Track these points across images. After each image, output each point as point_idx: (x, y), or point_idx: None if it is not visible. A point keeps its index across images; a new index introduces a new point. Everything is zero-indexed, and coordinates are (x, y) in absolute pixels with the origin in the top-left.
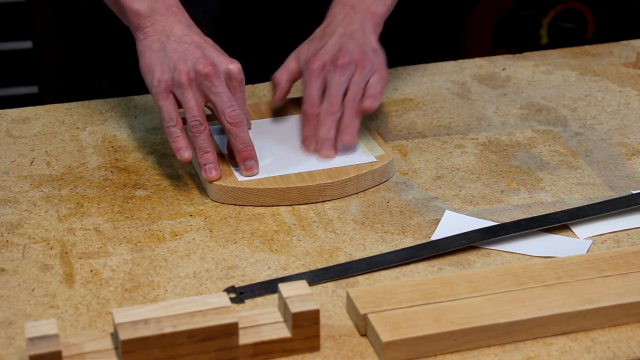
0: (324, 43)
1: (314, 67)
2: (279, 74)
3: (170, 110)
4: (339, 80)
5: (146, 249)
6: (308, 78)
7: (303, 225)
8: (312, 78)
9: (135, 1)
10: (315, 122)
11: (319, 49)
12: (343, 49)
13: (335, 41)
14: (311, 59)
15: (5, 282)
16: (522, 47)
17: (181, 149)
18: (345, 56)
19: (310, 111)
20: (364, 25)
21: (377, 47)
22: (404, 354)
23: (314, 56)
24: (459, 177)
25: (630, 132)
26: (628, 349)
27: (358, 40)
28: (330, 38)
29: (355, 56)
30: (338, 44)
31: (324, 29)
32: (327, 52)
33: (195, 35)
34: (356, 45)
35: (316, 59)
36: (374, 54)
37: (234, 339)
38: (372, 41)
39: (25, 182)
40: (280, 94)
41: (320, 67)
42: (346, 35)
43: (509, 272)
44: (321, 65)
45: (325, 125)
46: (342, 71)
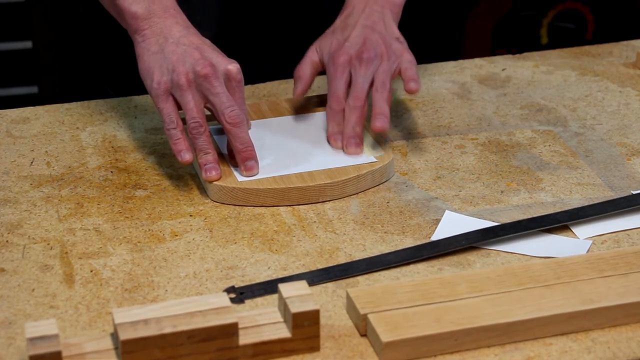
0: (347, 36)
1: (339, 62)
2: (302, 67)
3: (170, 113)
4: (364, 74)
5: (146, 249)
6: (334, 73)
7: (303, 226)
8: (337, 73)
9: (133, 4)
10: (340, 118)
11: (343, 42)
12: (367, 42)
13: (358, 33)
14: (336, 53)
15: (5, 282)
16: (522, 47)
17: (182, 151)
18: (370, 50)
19: (335, 107)
20: (384, 15)
21: (399, 35)
22: (404, 354)
23: (338, 50)
24: (459, 177)
25: (630, 132)
26: (628, 349)
27: (380, 31)
28: (353, 30)
29: (380, 49)
30: (361, 37)
31: (345, 20)
32: (352, 45)
33: (194, 37)
34: (379, 36)
35: (341, 53)
36: (397, 42)
37: (234, 339)
38: (394, 30)
39: (25, 182)
40: (303, 88)
41: (346, 62)
42: (368, 27)
43: (509, 272)
44: (347, 60)
45: (350, 122)
46: (367, 65)
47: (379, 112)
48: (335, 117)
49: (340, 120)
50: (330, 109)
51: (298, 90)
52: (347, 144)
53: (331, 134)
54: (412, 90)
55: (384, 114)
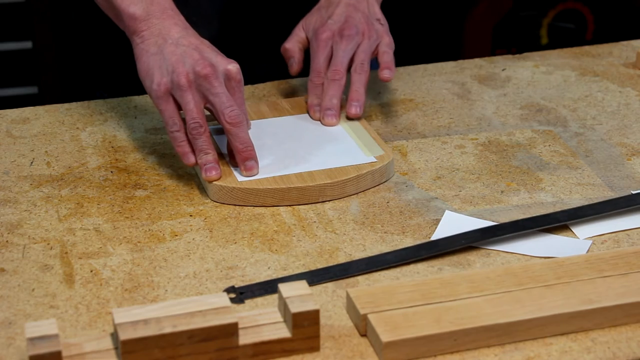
0: (331, 13)
1: (322, 37)
2: (290, 44)
3: (172, 115)
4: (344, 49)
5: (146, 249)
6: (316, 47)
7: (303, 226)
8: (319, 47)
9: (131, 5)
10: (320, 91)
11: (326, 19)
12: (349, 20)
13: (341, 11)
14: (319, 29)
15: (5, 282)
16: (522, 47)
17: (187, 153)
18: (351, 27)
19: (316, 80)
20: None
21: (381, 16)
22: (404, 354)
23: (321, 26)
24: (459, 177)
25: (630, 132)
26: (628, 349)
27: (363, 10)
28: (336, 8)
29: (361, 27)
30: (344, 14)
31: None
32: (335, 22)
33: (192, 38)
34: (361, 15)
35: (324, 29)
36: (378, 23)
37: (234, 339)
38: (376, 11)
39: (25, 182)
40: (298, 63)
41: (328, 37)
42: (351, 5)
43: (509, 272)
44: (329, 36)
45: (328, 93)
46: (348, 41)
47: (354, 98)
48: (314, 90)
49: (319, 93)
50: (311, 82)
51: (294, 67)
52: (324, 115)
53: (310, 105)
54: (385, 79)
55: (359, 100)
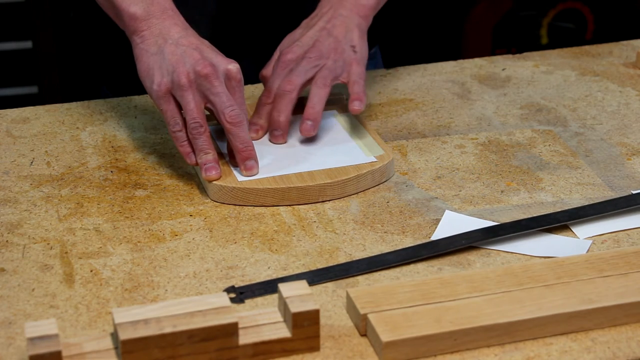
0: (301, 36)
1: (283, 59)
2: (267, 70)
3: (174, 115)
4: (304, 66)
5: (146, 249)
6: (275, 68)
7: (303, 225)
8: (279, 68)
9: (132, 5)
10: (265, 111)
11: (294, 41)
12: (317, 44)
13: (312, 34)
14: (284, 51)
15: (5, 282)
16: (522, 47)
17: (190, 153)
18: (315, 50)
19: (264, 99)
20: (347, 20)
21: (358, 43)
22: (404, 354)
23: (287, 47)
24: (459, 177)
25: (630, 132)
26: (628, 349)
27: (337, 36)
28: (309, 31)
29: (327, 52)
30: (314, 38)
31: (309, 21)
32: (302, 45)
33: (192, 38)
34: (332, 40)
35: (288, 51)
36: (351, 50)
37: (234, 339)
38: (354, 37)
39: (25, 182)
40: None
41: (290, 60)
42: (326, 29)
43: (509, 272)
44: (292, 58)
45: (276, 108)
46: (308, 62)
47: (308, 116)
48: (260, 109)
49: (263, 113)
50: (259, 100)
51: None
52: (271, 136)
53: (251, 123)
54: (354, 111)
55: (315, 119)
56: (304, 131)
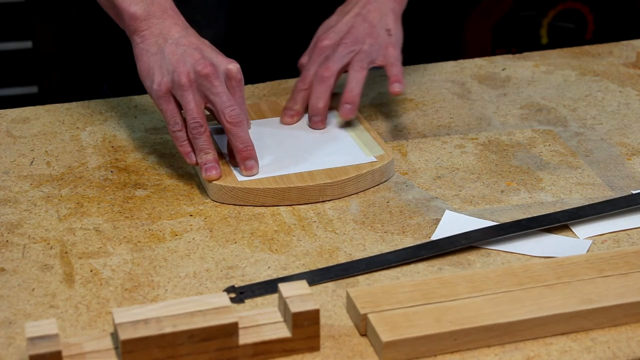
0: (337, 22)
1: (319, 45)
2: (303, 58)
3: (174, 115)
4: (341, 53)
5: (146, 249)
6: (311, 55)
7: (303, 225)
8: (314, 55)
9: (132, 4)
10: (301, 97)
11: (330, 27)
12: (352, 30)
13: (347, 20)
14: (320, 37)
15: (5, 282)
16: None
17: (189, 153)
18: (351, 36)
19: (300, 85)
20: (382, 5)
21: (393, 27)
22: (404, 354)
23: (323, 34)
24: (459, 177)
25: (630, 132)
26: (628, 349)
27: (371, 21)
28: (344, 17)
29: (362, 37)
30: (349, 24)
31: (344, 7)
32: (337, 31)
33: (192, 37)
34: (367, 26)
35: (324, 37)
36: (386, 34)
37: (234, 339)
38: (388, 22)
39: (25, 182)
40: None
41: (326, 46)
42: (360, 15)
43: (509, 272)
44: (328, 45)
45: (314, 94)
46: (345, 47)
47: (347, 99)
48: (296, 95)
49: (299, 98)
50: (296, 86)
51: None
52: (311, 122)
53: (285, 107)
54: (395, 93)
55: (353, 102)
56: (342, 114)
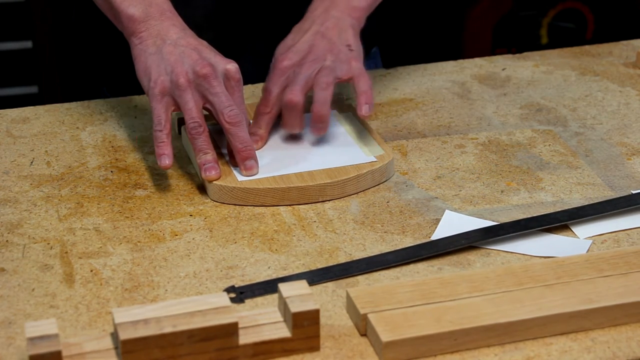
0: (296, 41)
1: (279, 66)
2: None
3: (160, 114)
4: (304, 74)
5: (146, 249)
6: (272, 75)
7: (303, 225)
8: (275, 76)
9: (130, 6)
10: (265, 121)
11: (290, 46)
12: (313, 49)
13: (307, 39)
14: (279, 57)
15: (5, 282)
16: (522, 47)
17: (163, 155)
18: (312, 54)
19: (262, 109)
20: (340, 21)
21: (353, 42)
22: (404, 354)
23: (282, 54)
24: (459, 177)
25: (630, 132)
26: (628, 349)
27: (331, 38)
28: (303, 36)
29: (324, 53)
30: (309, 43)
31: (301, 25)
32: (297, 51)
33: (191, 38)
34: (327, 43)
35: (284, 58)
36: (347, 49)
37: (234, 339)
38: (348, 37)
39: (25, 182)
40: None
41: (287, 67)
42: (320, 33)
43: (509, 272)
44: (289, 65)
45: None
46: (308, 67)
47: (316, 120)
48: (259, 119)
49: (262, 123)
50: (258, 109)
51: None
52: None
53: (251, 133)
54: (363, 116)
55: (324, 121)
56: (315, 133)
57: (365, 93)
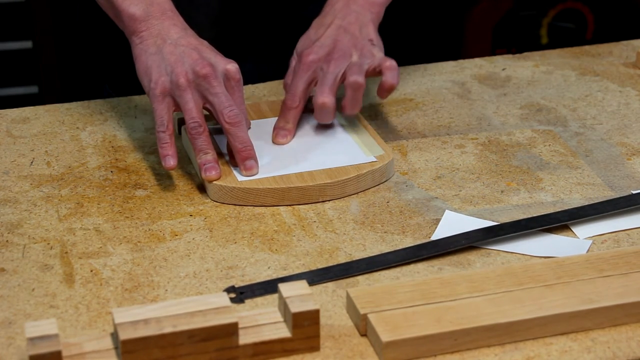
0: (320, 35)
1: (305, 60)
2: (287, 77)
3: (162, 115)
4: (332, 72)
5: (146, 249)
6: (298, 70)
7: (303, 225)
8: (301, 70)
9: (131, 5)
10: (292, 115)
11: (313, 41)
12: (337, 44)
13: (330, 34)
14: (305, 51)
15: (5, 282)
16: (522, 47)
17: (168, 156)
18: (338, 50)
19: (289, 103)
20: (361, 16)
21: (375, 37)
22: (404, 354)
23: (307, 48)
24: (459, 177)
25: (630, 132)
26: (628, 349)
27: (354, 33)
28: (326, 30)
29: (350, 52)
30: (333, 37)
31: (321, 19)
32: (322, 45)
33: (191, 38)
34: (351, 38)
35: (309, 52)
36: (370, 44)
37: (234, 339)
38: (369, 32)
39: (25, 182)
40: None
41: (312, 61)
42: (342, 27)
43: (509, 272)
44: (315, 59)
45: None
46: (336, 63)
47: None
48: (286, 114)
49: (290, 117)
50: (284, 104)
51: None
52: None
53: (276, 127)
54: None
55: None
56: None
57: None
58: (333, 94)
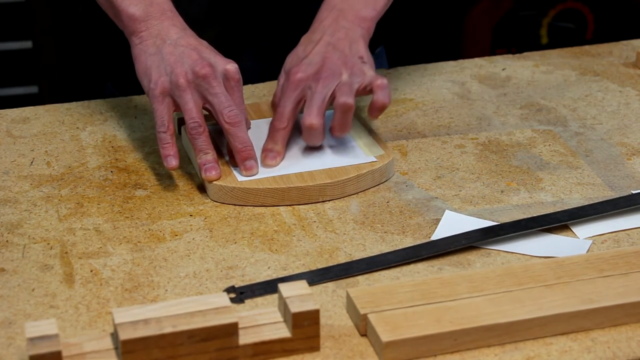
0: (308, 52)
1: (294, 79)
2: (275, 96)
3: (163, 115)
4: (321, 92)
5: (146, 249)
6: (286, 89)
7: (303, 225)
8: (289, 89)
9: (131, 6)
10: (280, 137)
11: (302, 59)
12: (327, 62)
13: (319, 50)
14: (293, 69)
15: (5, 282)
16: (522, 47)
17: (169, 156)
18: (327, 69)
19: (277, 124)
20: (351, 32)
21: (365, 54)
22: (404, 354)
23: (295, 66)
24: (459, 177)
25: (630, 132)
26: (628, 349)
27: (343, 50)
28: (315, 47)
29: (339, 70)
30: (321, 54)
31: (310, 35)
32: (310, 63)
33: (191, 38)
34: (341, 55)
35: (297, 70)
36: (360, 61)
37: (234, 339)
38: (359, 49)
39: (25, 182)
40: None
41: (300, 79)
42: (331, 44)
43: (509, 272)
44: (303, 78)
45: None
46: (324, 82)
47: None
48: (274, 135)
49: (278, 139)
50: (272, 126)
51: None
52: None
53: (266, 149)
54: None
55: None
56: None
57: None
58: (321, 115)
